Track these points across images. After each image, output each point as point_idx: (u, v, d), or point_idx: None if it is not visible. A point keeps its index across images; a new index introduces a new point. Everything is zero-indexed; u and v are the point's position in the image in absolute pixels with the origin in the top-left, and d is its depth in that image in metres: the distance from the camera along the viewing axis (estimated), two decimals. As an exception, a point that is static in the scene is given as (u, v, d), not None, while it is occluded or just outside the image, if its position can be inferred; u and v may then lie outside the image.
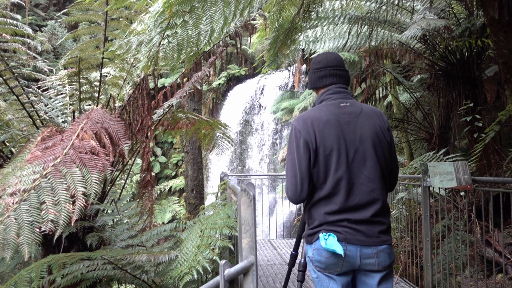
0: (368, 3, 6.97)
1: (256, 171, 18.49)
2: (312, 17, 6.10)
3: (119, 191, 5.21)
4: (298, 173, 1.91)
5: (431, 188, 4.03)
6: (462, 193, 4.88)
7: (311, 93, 15.77)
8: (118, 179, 4.97)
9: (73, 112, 4.63)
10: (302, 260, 3.45)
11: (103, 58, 4.51)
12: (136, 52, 3.77)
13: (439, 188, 4.09)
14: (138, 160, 8.64)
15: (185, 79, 5.18)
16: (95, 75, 4.84)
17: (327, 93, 2.02)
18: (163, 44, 3.76)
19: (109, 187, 4.53)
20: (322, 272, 1.97)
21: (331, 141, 1.88)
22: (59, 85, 5.13)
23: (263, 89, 20.10)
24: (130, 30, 4.39)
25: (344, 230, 1.86)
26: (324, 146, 1.88)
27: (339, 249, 1.83)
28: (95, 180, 2.54)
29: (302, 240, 3.65)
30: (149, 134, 3.83)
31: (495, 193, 4.06)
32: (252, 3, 4.06)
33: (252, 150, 19.51)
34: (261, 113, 19.79)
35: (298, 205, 11.65)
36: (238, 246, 2.45)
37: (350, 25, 6.62)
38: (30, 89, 4.57)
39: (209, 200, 14.32)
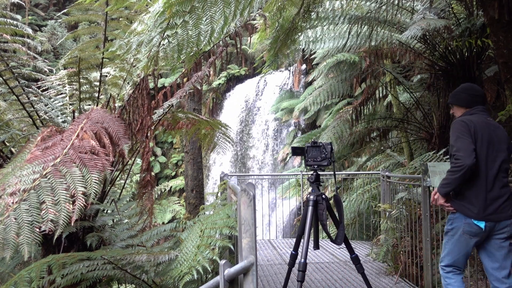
0: (368, 3, 6.96)
1: (256, 171, 18.49)
2: (312, 17, 6.09)
3: (119, 191, 5.21)
4: (469, 145, 2.63)
5: (431, 188, 4.02)
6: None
7: (311, 93, 15.75)
8: (118, 179, 4.97)
9: (73, 112, 4.63)
10: (302, 260, 3.46)
11: (103, 58, 4.51)
12: (136, 52, 3.77)
13: (439, 188, 4.08)
14: (138, 160, 8.64)
15: (185, 79, 5.19)
16: (95, 75, 4.84)
17: (477, 109, 2.85)
18: (163, 44, 3.76)
19: (109, 187, 4.53)
20: None
21: (485, 139, 2.69)
22: (59, 85, 5.13)
23: (263, 89, 20.10)
24: (130, 30, 4.39)
25: None
26: (481, 140, 2.69)
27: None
28: (95, 180, 2.54)
29: (301, 240, 3.65)
30: (149, 134, 3.83)
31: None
32: (252, 3, 4.06)
33: (252, 150, 19.51)
34: (260, 113, 19.79)
35: (298, 205, 11.64)
36: (238, 246, 2.45)
37: (350, 25, 6.61)
38: (30, 89, 4.57)
39: (209, 200, 14.32)
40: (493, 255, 2.73)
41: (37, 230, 2.29)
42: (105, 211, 4.71)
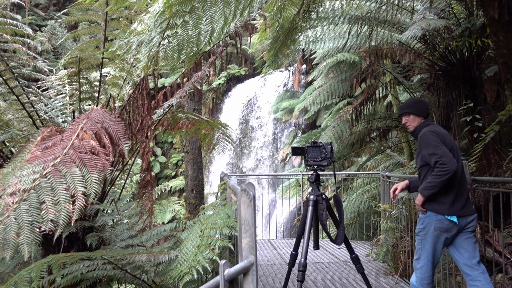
0: (368, 3, 6.96)
1: (256, 171, 18.48)
2: (312, 17, 6.09)
3: (119, 191, 5.21)
4: (448, 151, 2.86)
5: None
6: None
7: (311, 93, 15.77)
8: (118, 179, 4.97)
9: (73, 112, 4.63)
10: (302, 260, 3.46)
11: (103, 58, 4.51)
12: (136, 52, 3.77)
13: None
14: (138, 160, 8.64)
15: (185, 79, 5.19)
16: (95, 75, 4.84)
17: (430, 120, 3.19)
18: (163, 44, 3.76)
19: (109, 187, 4.53)
20: None
21: (449, 146, 2.96)
22: (59, 85, 5.13)
23: (262, 89, 20.09)
24: (130, 30, 4.38)
25: None
26: (448, 147, 2.93)
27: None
28: (95, 180, 2.54)
29: (301, 240, 3.65)
30: (149, 134, 3.83)
31: (495, 193, 4.04)
32: (252, 3, 4.06)
33: (252, 150, 19.51)
34: (261, 113, 19.78)
35: (298, 205, 11.64)
36: (238, 246, 2.45)
37: (350, 25, 6.61)
38: (30, 89, 4.57)
39: (209, 200, 14.32)
40: (461, 247, 2.97)
41: (37, 230, 2.29)
42: (105, 211, 4.71)
